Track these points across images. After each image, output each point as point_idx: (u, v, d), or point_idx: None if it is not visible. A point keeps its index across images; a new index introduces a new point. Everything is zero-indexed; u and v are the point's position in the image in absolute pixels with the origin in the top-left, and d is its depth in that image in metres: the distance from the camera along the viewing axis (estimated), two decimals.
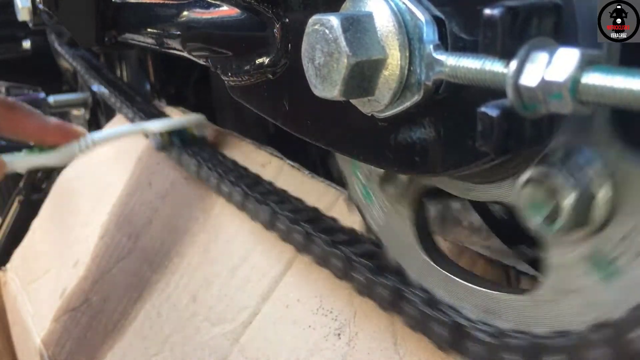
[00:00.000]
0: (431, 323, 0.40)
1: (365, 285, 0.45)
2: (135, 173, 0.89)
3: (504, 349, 0.35)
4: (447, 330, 0.38)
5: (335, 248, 0.49)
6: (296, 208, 0.58)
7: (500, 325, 0.36)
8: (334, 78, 0.32)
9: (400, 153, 0.35)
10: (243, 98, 0.48)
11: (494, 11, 0.25)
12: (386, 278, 0.44)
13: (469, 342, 0.37)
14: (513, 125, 0.26)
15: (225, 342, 0.60)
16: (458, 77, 0.28)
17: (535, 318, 0.34)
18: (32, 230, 1.14)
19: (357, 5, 0.33)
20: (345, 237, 0.51)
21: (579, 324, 0.31)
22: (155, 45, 0.64)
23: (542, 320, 0.33)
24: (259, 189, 0.63)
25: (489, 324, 0.37)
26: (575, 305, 0.31)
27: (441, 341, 0.39)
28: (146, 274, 0.76)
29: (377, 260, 0.45)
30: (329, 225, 0.54)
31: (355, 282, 0.47)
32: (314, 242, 0.51)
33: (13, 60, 1.42)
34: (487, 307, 0.37)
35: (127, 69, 1.22)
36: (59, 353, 0.84)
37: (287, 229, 0.55)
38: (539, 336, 0.33)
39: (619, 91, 0.22)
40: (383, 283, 0.44)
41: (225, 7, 0.49)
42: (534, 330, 0.34)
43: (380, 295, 0.44)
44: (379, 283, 0.44)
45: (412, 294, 0.42)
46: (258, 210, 0.60)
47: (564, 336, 0.32)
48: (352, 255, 0.47)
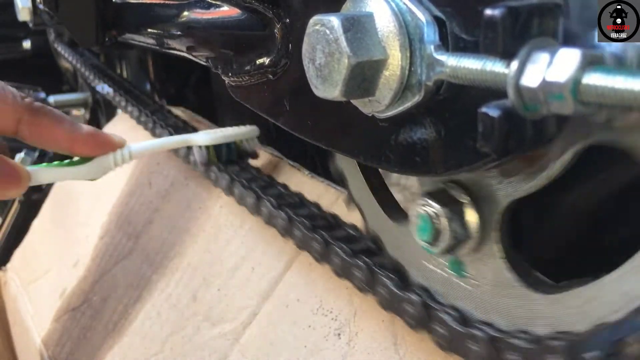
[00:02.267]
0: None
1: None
2: (135, 173, 0.89)
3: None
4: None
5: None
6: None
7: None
8: (334, 78, 0.32)
9: (401, 153, 0.35)
10: (243, 98, 0.48)
11: (495, 11, 0.25)
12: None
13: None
14: (514, 126, 0.26)
15: (225, 342, 0.60)
16: (459, 78, 0.28)
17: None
18: (32, 230, 1.14)
19: (357, 5, 0.33)
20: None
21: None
22: (155, 45, 0.64)
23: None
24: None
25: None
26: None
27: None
28: (146, 273, 0.76)
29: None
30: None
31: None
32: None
33: (13, 60, 1.42)
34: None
35: (128, 69, 1.22)
36: (59, 353, 0.84)
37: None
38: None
39: (620, 92, 0.22)
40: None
41: (226, 7, 0.49)
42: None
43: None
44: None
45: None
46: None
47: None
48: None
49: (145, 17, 0.63)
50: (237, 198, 0.63)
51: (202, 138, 0.64)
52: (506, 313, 0.36)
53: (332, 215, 0.54)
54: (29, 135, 0.46)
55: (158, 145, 0.58)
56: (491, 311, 0.37)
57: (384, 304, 0.44)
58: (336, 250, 0.48)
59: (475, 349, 0.36)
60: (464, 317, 0.38)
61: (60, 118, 0.47)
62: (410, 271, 0.43)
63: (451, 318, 0.38)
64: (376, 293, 0.44)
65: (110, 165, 0.49)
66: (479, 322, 0.37)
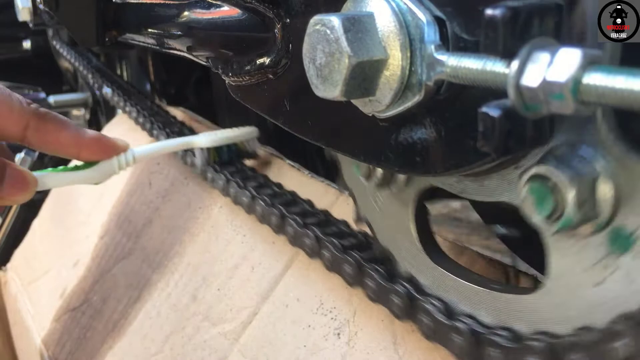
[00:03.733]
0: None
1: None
2: (135, 173, 0.89)
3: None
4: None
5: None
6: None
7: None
8: (335, 78, 0.32)
9: (401, 153, 0.35)
10: (244, 98, 0.48)
11: (496, 11, 0.25)
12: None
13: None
14: (514, 126, 0.26)
15: (225, 342, 0.60)
16: (459, 78, 0.28)
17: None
18: (32, 230, 1.14)
19: (358, 5, 0.33)
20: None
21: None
22: (155, 45, 0.64)
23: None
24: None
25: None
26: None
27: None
28: (146, 273, 0.76)
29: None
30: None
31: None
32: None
33: (13, 60, 1.42)
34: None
35: (128, 69, 1.22)
36: (59, 353, 0.84)
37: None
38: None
39: (620, 91, 0.22)
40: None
41: (226, 7, 0.49)
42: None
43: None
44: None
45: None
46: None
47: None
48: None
49: (145, 17, 0.63)
50: (246, 208, 0.63)
51: (203, 140, 0.65)
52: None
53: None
54: (36, 142, 0.47)
55: (160, 148, 0.59)
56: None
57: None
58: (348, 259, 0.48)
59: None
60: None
61: (65, 123, 0.48)
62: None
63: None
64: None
65: (115, 169, 0.50)
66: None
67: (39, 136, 0.47)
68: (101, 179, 0.50)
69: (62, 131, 0.47)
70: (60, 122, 0.48)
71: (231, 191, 0.65)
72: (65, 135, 0.48)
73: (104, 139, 0.49)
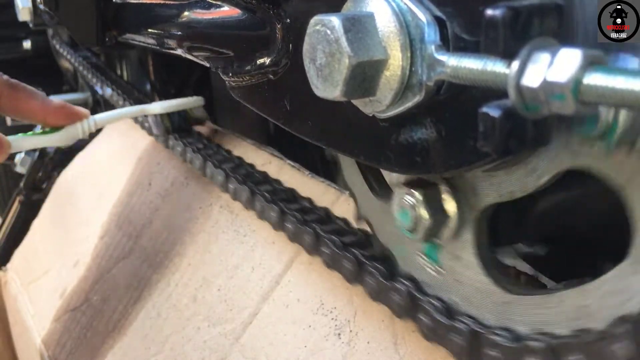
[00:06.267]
0: None
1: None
2: (135, 173, 0.89)
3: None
4: None
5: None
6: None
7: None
8: (335, 78, 0.32)
9: (402, 153, 0.35)
10: (244, 98, 0.48)
11: (496, 11, 0.25)
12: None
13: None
14: (514, 126, 0.26)
15: (225, 342, 0.60)
16: (459, 78, 0.28)
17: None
18: (32, 230, 1.14)
19: (358, 5, 0.33)
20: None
21: None
22: (155, 45, 0.64)
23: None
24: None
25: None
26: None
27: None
28: (146, 273, 0.76)
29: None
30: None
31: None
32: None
33: (13, 60, 1.42)
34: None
35: (128, 69, 1.22)
36: (59, 353, 0.84)
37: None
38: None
39: (621, 92, 0.22)
40: None
41: (226, 7, 0.49)
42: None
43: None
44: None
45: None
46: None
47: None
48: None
49: (145, 17, 0.64)
50: (259, 212, 0.63)
51: (156, 107, 0.76)
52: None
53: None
54: (9, 108, 0.54)
55: (118, 115, 0.68)
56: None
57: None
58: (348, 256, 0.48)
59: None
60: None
61: (34, 93, 0.55)
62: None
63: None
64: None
65: (78, 133, 0.59)
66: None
67: (11, 104, 0.54)
68: (67, 141, 0.59)
69: (31, 99, 0.55)
70: (30, 92, 0.55)
71: (188, 156, 0.75)
72: (34, 103, 0.55)
73: (67, 107, 0.58)
